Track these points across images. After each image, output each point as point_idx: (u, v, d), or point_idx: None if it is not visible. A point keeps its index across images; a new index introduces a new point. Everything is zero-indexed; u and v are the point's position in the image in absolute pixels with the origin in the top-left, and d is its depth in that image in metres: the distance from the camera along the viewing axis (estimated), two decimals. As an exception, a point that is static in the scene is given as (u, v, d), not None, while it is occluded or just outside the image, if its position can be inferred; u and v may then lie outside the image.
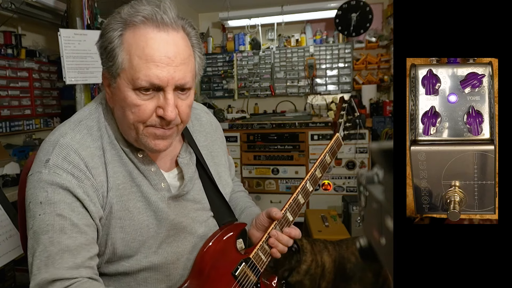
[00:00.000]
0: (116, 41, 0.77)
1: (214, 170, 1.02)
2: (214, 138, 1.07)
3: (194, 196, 0.95)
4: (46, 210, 0.77)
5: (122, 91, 0.78)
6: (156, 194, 0.87)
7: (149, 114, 0.79)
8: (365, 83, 4.02)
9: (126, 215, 0.84)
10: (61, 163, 0.79)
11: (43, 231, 0.76)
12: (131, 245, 0.85)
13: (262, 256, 0.99)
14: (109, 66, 0.79)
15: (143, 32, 0.76)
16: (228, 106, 4.42)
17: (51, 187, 0.77)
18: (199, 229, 0.95)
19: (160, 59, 0.75)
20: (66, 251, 0.76)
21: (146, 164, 0.88)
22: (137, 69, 0.75)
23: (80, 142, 0.82)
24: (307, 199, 1.08)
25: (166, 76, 0.76)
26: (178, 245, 0.91)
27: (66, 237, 0.76)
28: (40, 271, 0.75)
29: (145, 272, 0.88)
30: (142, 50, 0.75)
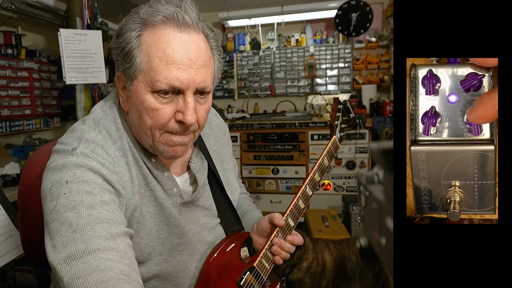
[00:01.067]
0: (134, 41, 0.73)
1: (223, 176, 1.00)
2: (223, 141, 1.05)
3: (204, 202, 0.93)
4: (72, 188, 0.68)
5: (140, 94, 0.74)
6: (169, 200, 0.84)
7: (167, 119, 0.75)
8: (365, 83, 4.02)
9: (142, 219, 0.81)
10: (90, 153, 0.74)
11: (68, 207, 0.67)
12: (143, 251, 0.81)
13: (266, 264, 0.98)
14: (125, 68, 0.75)
15: (164, 33, 0.73)
16: (228, 106, 4.42)
17: (79, 169, 0.71)
18: (208, 236, 0.93)
19: (182, 61, 0.72)
20: (98, 223, 0.66)
21: (160, 169, 0.85)
22: (157, 71, 0.72)
23: (103, 141, 0.78)
24: (307, 204, 1.08)
25: (187, 79, 0.73)
26: (188, 253, 0.89)
27: (96, 212, 0.67)
28: (67, 246, 0.64)
29: (154, 280, 0.85)
30: (162, 51, 0.72)
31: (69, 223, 0.66)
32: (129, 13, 0.78)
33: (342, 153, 3.54)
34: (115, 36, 0.77)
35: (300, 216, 1.06)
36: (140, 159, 0.82)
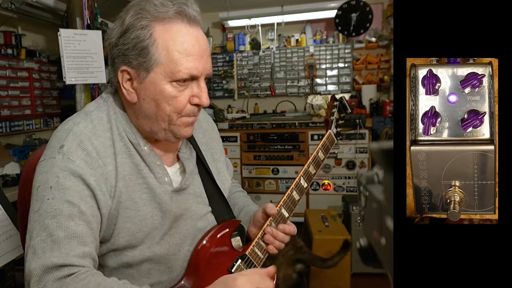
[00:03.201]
0: (148, 38, 0.81)
1: (213, 166, 1.05)
2: (212, 136, 1.11)
3: (194, 190, 0.98)
4: (55, 195, 0.77)
5: (158, 84, 0.83)
6: (160, 187, 0.90)
7: (185, 104, 0.85)
8: (365, 83, 4.02)
9: (132, 205, 0.86)
10: (75, 149, 0.81)
11: (50, 215, 0.76)
12: (136, 235, 0.87)
13: (259, 252, 1.00)
14: (140, 62, 0.82)
15: (177, 28, 0.82)
16: (228, 106, 4.42)
17: (62, 173, 0.79)
18: (199, 222, 0.97)
19: (197, 53, 0.83)
20: (74, 237, 0.76)
21: (152, 158, 0.90)
22: (178, 63, 0.81)
23: (93, 131, 0.85)
24: (302, 196, 1.09)
25: (202, 67, 0.84)
26: (179, 237, 0.93)
27: (73, 223, 0.77)
28: (46, 253, 0.74)
29: (147, 263, 0.89)
30: (181, 45, 0.81)
31: (49, 231, 0.75)
32: (127, 10, 0.83)
33: (342, 153, 3.54)
34: (120, 34, 0.83)
35: (294, 208, 1.07)
36: (132, 147, 0.89)
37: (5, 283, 2.06)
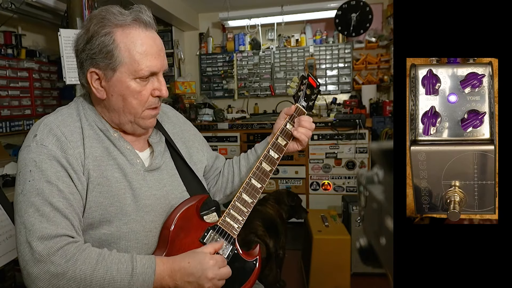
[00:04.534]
0: (112, 42, 0.93)
1: (185, 152, 1.15)
2: (184, 128, 1.23)
3: (168, 171, 1.08)
4: (35, 177, 0.88)
5: (124, 81, 0.94)
6: (132, 168, 1.00)
7: (147, 97, 0.97)
8: (365, 83, 4.02)
9: (104, 182, 0.95)
10: (46, 136, 0.93)
11: (33, 194, 0.87)
12: (109, 209, 0.95)
13: (231, 221, 1.07)
14: (106, 63, 0.94)
15: (136, 32, 0.94)
16: (228, 106, 4.42)
17: (38, 157, 0.90)
18: (173, 201, 1.04)
19: (155, 52, 0.96)
20: (58, 211, 0.87)
21: (122, 142, 1.01)
22: (140, 62, 0.93)
23: (62, 121, 0.97)
24: (274, 167, 1.16)
25: (160, 64, 0.97)
26: (155, 214, 1.00)
27: (55, 200, 0.87)
28: (35, 225, 0.84)
29: (125, 240, 0.96)
30: (140, 47, 0.94)
31: (35, 207, 0.86)
32: (90, 19, 0.96)
33: (342, 153, 3.54)
34: (86, 41, 0.95)
35: (267, 179, 1.14)
36: (102, 134, 1.00)
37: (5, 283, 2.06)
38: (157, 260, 0.90)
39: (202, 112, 4.01)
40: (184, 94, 4.20)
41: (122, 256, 0.89)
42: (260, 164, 1.14)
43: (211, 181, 1.33)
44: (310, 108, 1.25)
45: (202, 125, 3.82)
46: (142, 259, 0.89)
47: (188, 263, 0.91)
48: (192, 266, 0.91)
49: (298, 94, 1.23)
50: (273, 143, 1.17)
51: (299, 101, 1.23)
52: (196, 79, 4.51)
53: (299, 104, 1.22)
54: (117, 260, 0.87)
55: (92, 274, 0.83)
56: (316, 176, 3.63)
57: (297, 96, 1.23)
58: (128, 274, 0.86)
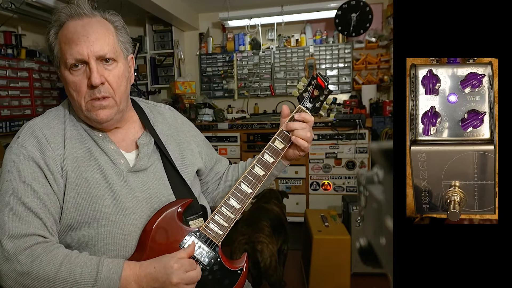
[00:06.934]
0: (54, 41, 0.97)
1: (178, 154, 1.12)
2: (180, 129, 1.19)
3: (155, 173, 1.05)
4: (12, 177, 0.91)
5: (63, 74, 0.96)
6: (114, 168, 0.99)
7: (83, 87, 0.94)
8: (365, 83, 4.02)
9: (83, 183, 0.95)
10: (28, 138, 0.96)
11: (9, 193, 0.89)
12: (87, 210, 0.94)
13: (215, 228, 1.01)
14: (55, 61, 0.99)
15: (69, 25, 0.95)
16: (228, 106, 4.42)
17: (17, 158, 0.93)
18: (156, 204, 1.01)
19: (78, 38, 0.93)
20: (31, 211, 0.88)
21: (106, 142, 1.01)
22: (64, 51, 0.94)
23: (46, 123, 0.99)
24: (268, 171, 1.08)
25: (85, 50, 0.92)
26: (135, 217, 0.97)
27: (28, 200, 0.89)
28: (7, 224, 0.86)
29: (103, 243, 0.94)
30: (65, 37, 0.94)
31: (10, 206, 0.88)
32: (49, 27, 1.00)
33: (342, 153, 3.54)
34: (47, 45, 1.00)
35: (259, 184, 1.07)
36: (86, 134, 1.01)
37: (5, 283, 2.06)
38: (124, 265, 0.88)
39: (202, 112, 4.01)
40: (184, 94, 4.20)
41: (90, 259, 0.87)
42: (253, 168, 1.07)
43: (211, 185, 1.28)
44: (317, 109, 1.17)
45: (202, 125, 3.82)
46: (109, 264, 0.87)
47: (154, 268, 0.88)
48: (157, 271, 0.88)
49: (303, 95, 1.17)
50: (269, 146, 1.10)
51: (303, 102, 1.17)
52: (196, 79, 4.51)
53: (302, 106, 1.15)
54: (82, 263, 0.86)
55: (55, 276, 0.84)
56: (316, 176, 3.63)
57: (301, 96, 1.17)
58: (92, 278, 0.84)
